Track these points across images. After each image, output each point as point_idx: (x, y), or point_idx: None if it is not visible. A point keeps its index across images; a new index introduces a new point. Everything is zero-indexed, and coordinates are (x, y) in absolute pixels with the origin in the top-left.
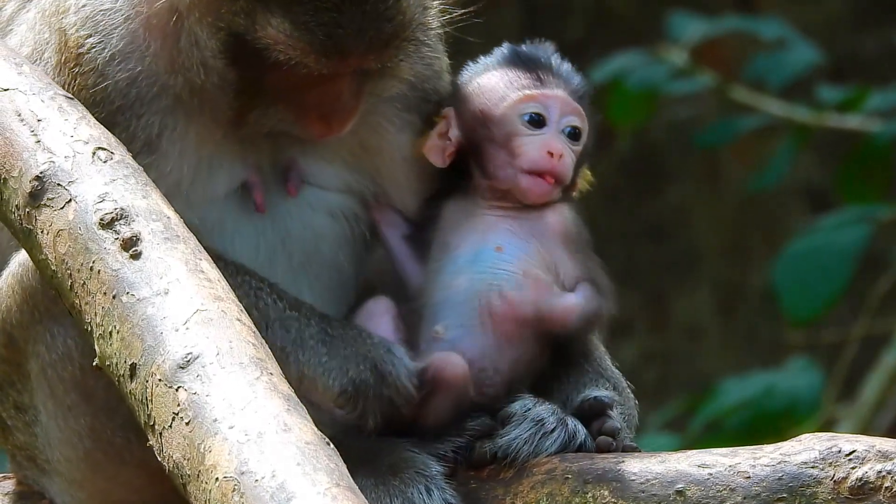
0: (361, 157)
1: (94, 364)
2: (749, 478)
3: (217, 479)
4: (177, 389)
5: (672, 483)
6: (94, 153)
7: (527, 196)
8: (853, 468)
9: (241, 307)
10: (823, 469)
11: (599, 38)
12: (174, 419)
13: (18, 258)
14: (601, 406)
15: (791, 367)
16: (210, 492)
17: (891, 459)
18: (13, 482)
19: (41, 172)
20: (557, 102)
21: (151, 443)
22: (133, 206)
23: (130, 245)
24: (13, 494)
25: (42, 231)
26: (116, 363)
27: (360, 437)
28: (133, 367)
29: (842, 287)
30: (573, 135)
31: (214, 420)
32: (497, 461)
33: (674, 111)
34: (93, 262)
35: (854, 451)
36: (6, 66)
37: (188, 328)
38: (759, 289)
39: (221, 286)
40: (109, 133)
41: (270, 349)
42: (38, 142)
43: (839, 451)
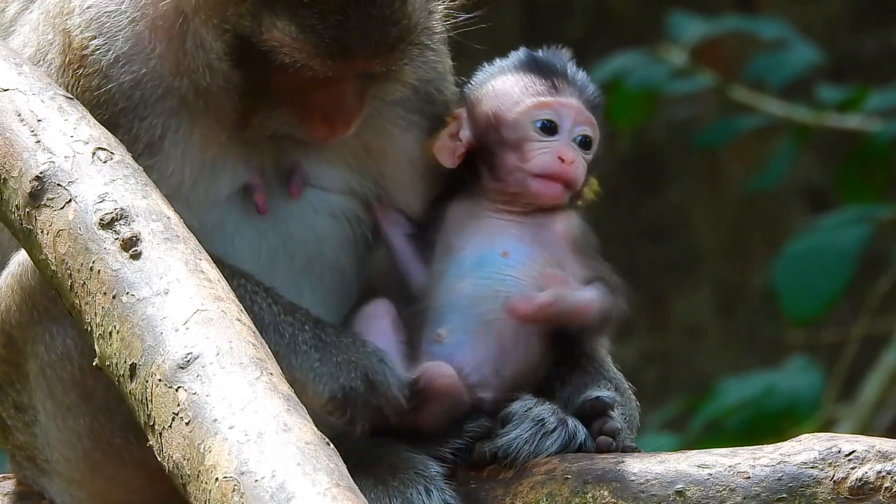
0: (365, 160)
1: (94, 364)
2: (749, 478)
3: (217, 480)
4: (177, 389)
5: (672, 483)
6: (94, 153)
7: (537, 199)
8: (853, 468)
9: (241, 307)
10: (823, 469)
11: (599, 38)
12: (174, 419)
13: (18, 258)
14: (602, 406)
15: (791, 367)
16: (210, 492)
17: (891, 459)
18: (13, 482)
19: (41, 172)
20: (571, 111)
21: (151, 443)
22: (133, 207)
23: (130, 245)
24: (13, 494)
25: (42, 231)
26: (116, 363)
27: (360, 438)
28: (133, 368)
29: (842, 287)
30: (584, 144)
31: (214, 420)
32: (497, 461)
33: (673, 111)
34: (93, 263)
35: (854, 452)
36: (6, 67)
37: (188, 328)
38: (759, 289)
39: (221, 286)
40: (109, 133)
41: None
42: (38, 142)
43: (839, 452)
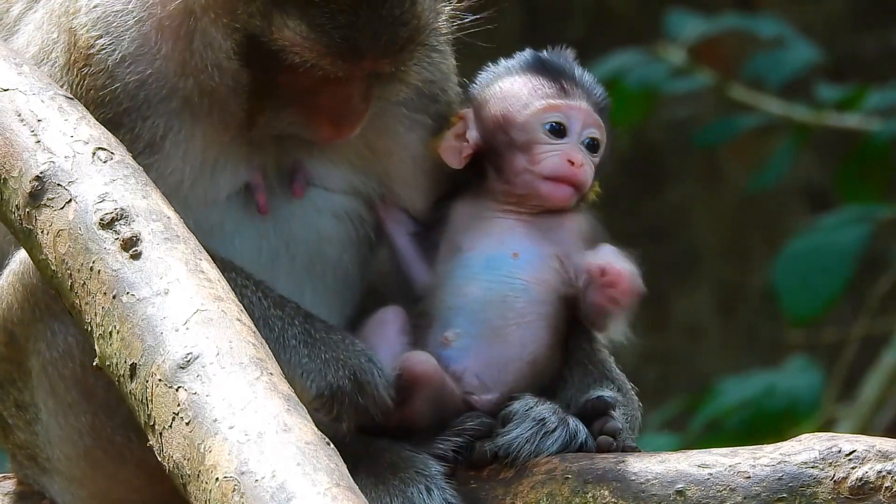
0: (369, 160)
1: (95, 364)
2: (749, 478)
3: (217, 480)
4: (177, 389)
5: (672, 483)
6: (94, 153)
7: (546, 201)
8: (853, 468)
9: (242, 307)
10: (823, 469)
11: (599, 38)
12: (174, 419)
13: (20, 256)
14: (604, 406)
15: (791, 367)
16: (210, 492)
17: (891, 459)
18: (13, 482)
19: (41, 172)
20: (580, 114)
21: (151, 443)
22: (133, 207)
23: (130, 245)
24: (13, 494)
25: (42, 231)
26: (116, 363)
27: (361, 437)
28: (133, 368)
29: (842, 287)
30: (592, 146)
31: (214, 420)
32: (498, 460)
33: (673, 110)
34: (93, 262)
35: (854, 451)
36: (6, 67)
37: (188, 328)
38: (759, 289)
39: (221, 286)
40: (109, 133)
41: None
42: (39, 142)
43: (839, 451)
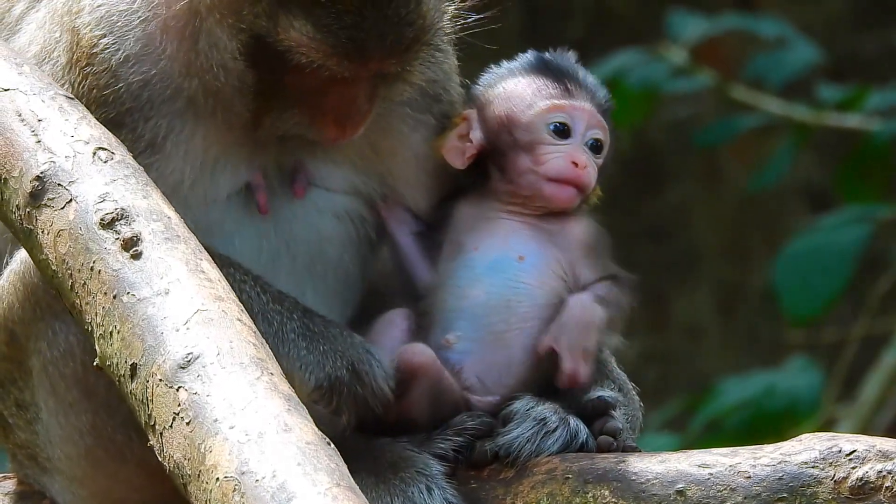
0: (372, 159)
1: (95, 364)
2: (749, 478)
3: (218, 480)
4: (177, 389)
5: (672, 483)
6: (95, 153)
7: (550, 202)
8: (853, 468)
9: (242, 307)
10: (824, 469)
11: (599, 38)
12: (175, 419)
13: (21, 255)
14: (604, 406)
15: (791, 367)
16: (211, 492)
17: (891, 459)
18: (14, 482)
19: (42, 172)
20: (584, 115)
21: (152, 443)
22: (133, 207)
23: (131, 245)
24: (14, 494)
25: (42, 231)
26: (117, 363)
27: (361, 436)
28: (133, 368)
29: (842, 287)
30: (595, 147)
31: (215, 420)
32: (498, 460)
33: (673, 110)
34: (93, 262)
35: (854, 451)
36: (6, 67)
37: (189, 328)
38: (759, 289)
39: (222, 286)
40: (110, 133)
41: None
42: (39, 142)
43: (839, 451)
